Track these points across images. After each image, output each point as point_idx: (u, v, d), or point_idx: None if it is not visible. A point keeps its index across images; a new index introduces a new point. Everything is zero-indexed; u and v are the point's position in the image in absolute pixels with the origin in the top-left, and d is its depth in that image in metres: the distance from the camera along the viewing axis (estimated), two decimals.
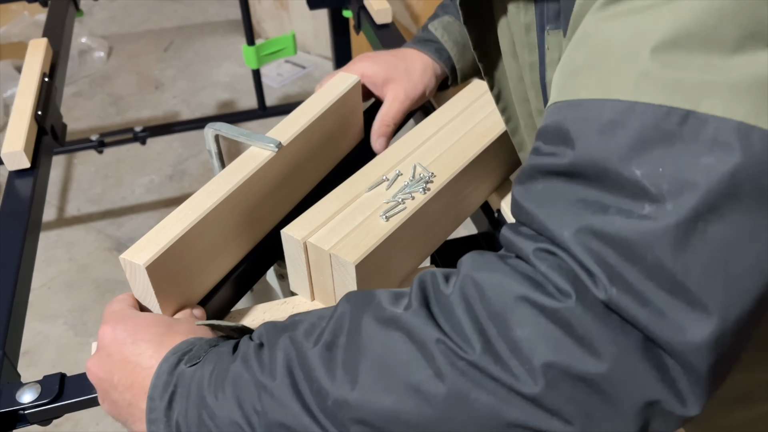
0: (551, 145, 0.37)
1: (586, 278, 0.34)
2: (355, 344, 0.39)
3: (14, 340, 0.67)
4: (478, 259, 0.38)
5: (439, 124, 0.70)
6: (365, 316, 0.39)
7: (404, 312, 0.38)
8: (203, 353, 0.45)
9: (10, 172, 0.85)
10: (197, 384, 0.43)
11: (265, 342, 0.42)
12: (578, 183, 0.35)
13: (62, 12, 1.23)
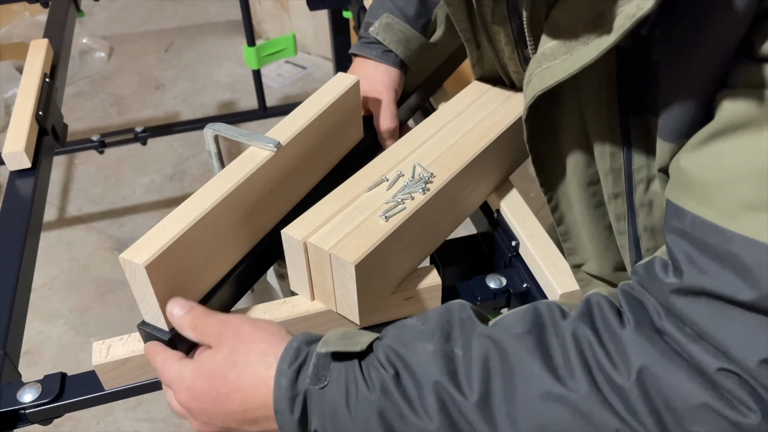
0: (716, 266, 0.39)
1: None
2: (514, 402, 0.41)
3: (15, 339, 0.67)
4: (651, 351, 0.40)
5: (438, 125, 0.70)
6: (518, 373, 0.42)
7: (571, 390, 0.41)
8: (325, 372, 0.45)
9: (11, 172, 0.85)
10: (332, 407, 0.44)
11: (404, 374, 0.44)
12: (761, 315, 0.38)
13: (63, 13, 1.23)
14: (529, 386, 0.41)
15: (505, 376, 0.42)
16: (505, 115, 0.71)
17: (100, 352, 0.57)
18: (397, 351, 0.45)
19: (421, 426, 0.42)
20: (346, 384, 0.44)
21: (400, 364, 0.44)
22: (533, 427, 0.41)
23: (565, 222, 0.65)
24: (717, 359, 0.39)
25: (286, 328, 0.50)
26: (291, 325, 0.60)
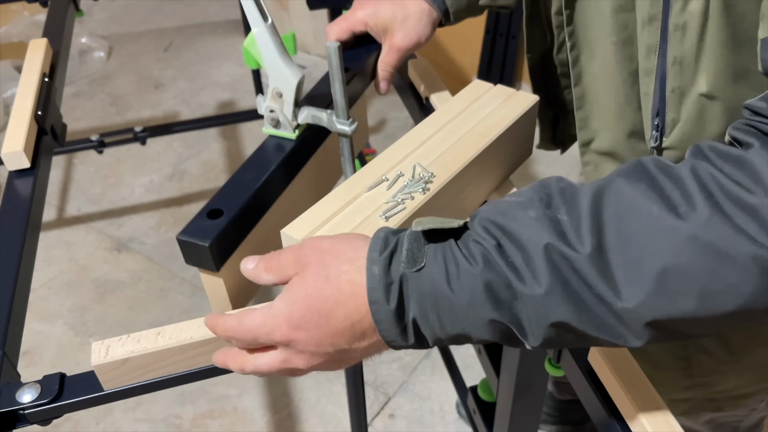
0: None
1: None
2: (630, 250, 0.38)
3: (14, 340, 0.67)
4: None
5: (439, 124, 0.70)
6: (634, 219, 0.39)
7: (695, 223, 0.37)
8: (422, 255, 0.42)
9: (10, 172, 0.85)
10: (432, 286, 0.42)
11: (506, 243, 0.41)
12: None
13: (62, 12, 1.23)
14: (646, 230, 0.38)
15: (618, 224, 0.39)
16: (505, 115, 0.71)
17: (100, 352, 0.57)
18: (496, 221, 0.42)
19: (529, 293, 0.40)
20: (444, 262, 0.42)
21: (500, 234, 0.42)
22: (656, 274, 0.37)
23: (583, 80, 0.63)
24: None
25: None
26: None
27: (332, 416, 1.51)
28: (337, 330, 0.44)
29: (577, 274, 0.39)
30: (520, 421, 0.82)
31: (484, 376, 1.10)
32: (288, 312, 0.45)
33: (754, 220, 0.36)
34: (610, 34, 0.58)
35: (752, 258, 0.36)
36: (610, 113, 0.62)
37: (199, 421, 1.51)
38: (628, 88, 0.60)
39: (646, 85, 0.57)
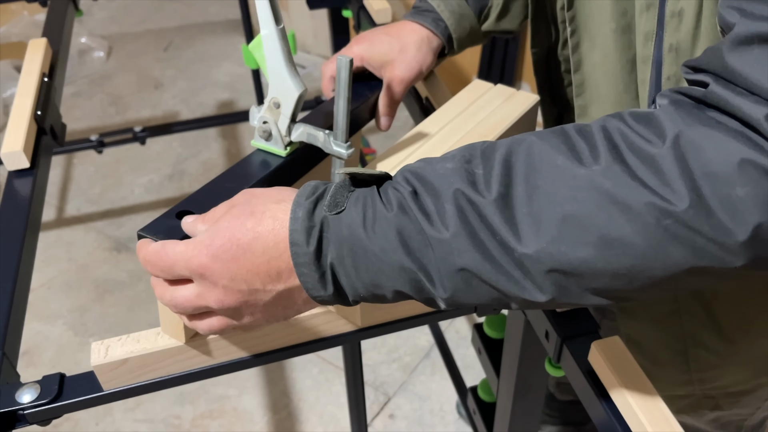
0: None
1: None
2: (535, 199, 0.39)
3: (14, 340, 0.67)
4: (687, 117, 0.38)
5: (439, 125, 0.70)
6: (541, 170, 0.40)
7: (595, 171, 0.38)
8: (343, 199, 0.43)
9: (10, 172, 0.85)
10: (349, 230, 0.42)
11: (421, 191, 0.42)
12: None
13: (62, 12, 1.23)
14: (551, 179, 0.39)
15: (527, 174, 0.40)
16: (505, 115, 0.71)
17: (99, 352, 0.57)
18: (415, 171, 0.43)
19: (437, 236, 0.40)
20: (363, 208, 0.43)
21: (417, 183, 0.42)
22: (556, 221, 0.38)
23: (582, 67, 0.63)
24: (765, 107, 0.35)
25: None
26: (292, 324, 0.60)
27: (332, 416, 1.51)
28: (253, 263, 0.44)
29: (483, 219, 0.40)
30: (520, 422, 0.82)
31: (484, 376, 1.10)
32: (209, 240, 0.45)
33: (652, 169, 0.37)
34: (609, 20, 0.58)
35: (645, 205, 0.37)
36: (609, 101, 0.62)
37: (199, 421, 1.51)
38: (626, 75, 0.60)
39: (643, 73, 0.57)
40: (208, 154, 2.27)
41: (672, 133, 0.37)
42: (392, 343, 1.66)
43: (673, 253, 0.37)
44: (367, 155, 1.93)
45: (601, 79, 0.62)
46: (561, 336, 0.61)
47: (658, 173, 0.37)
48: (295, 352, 0.63)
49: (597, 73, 0.62)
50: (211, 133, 2.35)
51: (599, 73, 0.62)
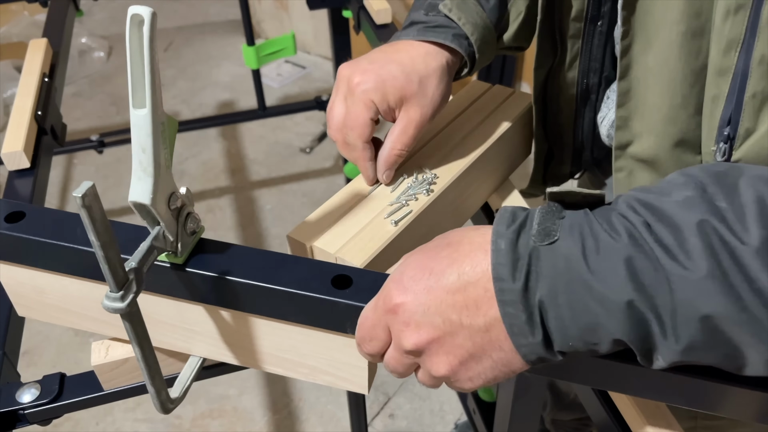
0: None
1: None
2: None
3: (14, 340, 0.67)
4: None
5: (440, 125, 0.70)
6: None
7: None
8: (555, 227, 0.38)
9: (10, 172, 0.85)
10: (566, 263, 0.37)
11: (654, 222, 0.36)
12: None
13: (62, 12, 1.23)
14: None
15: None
16: (505, 115, 0.71)
17: (99, 352, 0.57)
18: (644, 200, 0.37)
19: (681, 274, 0.34)
20: (581, 237, 0.37)
21: (649, 213, 0.37)
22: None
23: (631, 73, 0.55)
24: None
25: None
26: None
27: (332, 416, 1.51)
28: (447, 291, 0.39)
29: (737, 263, 0.34)
30: (520, 421, 0.82)
31: None
32: (398, 275, 0.41)
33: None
34: (678, 21, 0.50)
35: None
36: (659, 115, 0.54)
37: (199, 421, 1.51)
38: (687, 88, 0.52)
39: (716, 87, 0.49)
40: (208, 154, 2.27)
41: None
42: None
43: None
44: None
45: (653, 88, 0.54)
46: None
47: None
48: None
49: (649, 82, 0.54)
50: (211, 133, 2.35)
51: (652, 81, 0.54)
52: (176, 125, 0.43)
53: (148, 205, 0.42)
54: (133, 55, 0.39)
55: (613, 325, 0.37)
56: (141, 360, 0.45)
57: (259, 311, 0.49)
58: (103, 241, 0.38)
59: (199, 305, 0.51)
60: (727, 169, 0.38)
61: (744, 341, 0.35)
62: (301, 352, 0.51)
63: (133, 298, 0.41)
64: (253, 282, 0.47)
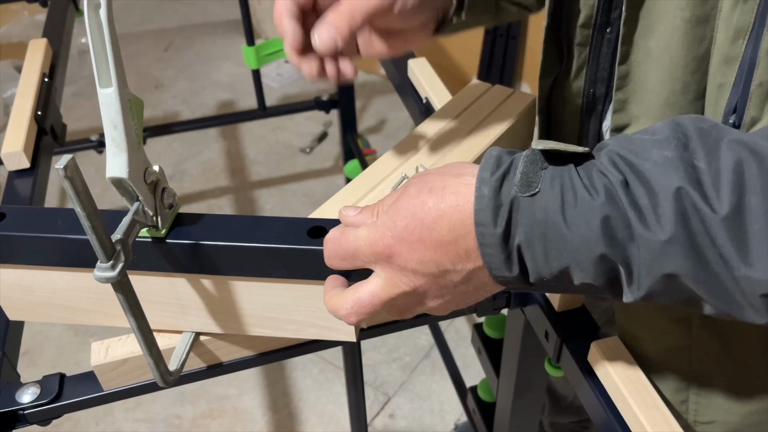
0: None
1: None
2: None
3: (14, 340, 0.67)
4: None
5: (439, 125, 0.70)
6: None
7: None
8: (537, 179, 0.39)
9: (10, 173, 0.85)
10: (545, 214, 0.39)
11: (633, 182, 0.38)
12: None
13: (62, 12, 1.23)
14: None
15: (764, 187, 0.35)
16: (504, 115, 0.71)
17: (99, 352, 0.57)
18: (625, 157, 0.39)
19: (648, 237, 0.37)
20: (561, 190, 0.39)
21: (629, 171, 0.38)
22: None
23: (631, 57, 0.55)
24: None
25: None
26: None
27: (332, 416, 1.51)
28: (440, 243, 0.41)
29: (706, 229, 0.36)
30: (519, 421, 0.83)
31: (484, 376, 1.10)
32: (391, 222, 0.42)
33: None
34: (683, 7, 0.50)
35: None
36: (657, 100, 0.54)
37: (199, 421, 1.51)
38: (688, 75, 0.52)
39: (722, 75, 0.49)
40: (208, 154, 2.27)
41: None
42: (392, 343, 1.66)
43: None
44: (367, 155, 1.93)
45: (653, 73, 0.54)
46: (560, 336, 0.61)
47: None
48: (295, 352, 0.63)
49: (649, 66, 0.54)
50: (211, 133, 2.35)
51: (652, 66, 0.54)
52: (142, 103, 0.45)
53: (125, 179, 0.44)
54: (93, 37, 0.42)
55: (584, 273, 0.39)
56: (136, 331, 0.47)
57: (242, 272, 0.51)
58: (88, 211, 0.40)
59: (184, 277, 0.52)
60: (711, 127, 0.39)
61: (702, 296, 0.38)
62: (286, 308, 0.53)
63: (123, 268, 0.43)
64: (234, 243, 0.49)
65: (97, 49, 0.42)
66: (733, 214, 0.35)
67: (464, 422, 1.48)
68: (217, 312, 0.55)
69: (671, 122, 0.40)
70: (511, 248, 0.40)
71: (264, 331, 0.56)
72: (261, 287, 0.52)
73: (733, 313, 0.38)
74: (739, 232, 0.35)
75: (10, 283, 0.54)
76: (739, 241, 0.35)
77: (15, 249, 0.51)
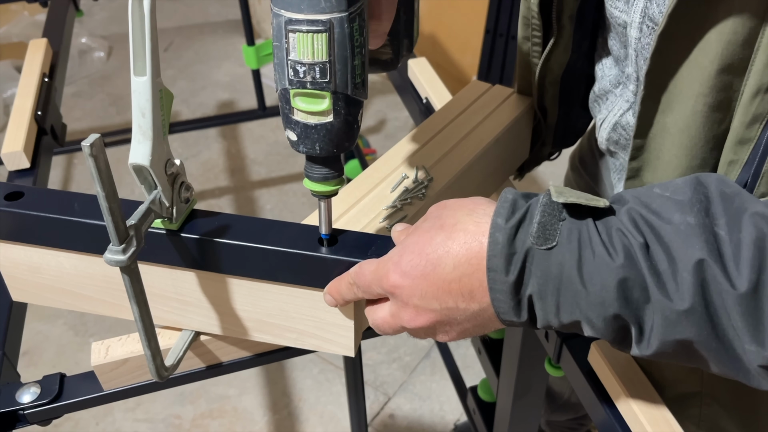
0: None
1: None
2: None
3: (14, 340, 0.67)
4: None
5: (439, 125, 0.70)
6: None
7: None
8: (555, 232, 0.39)
9: (10, 173, 0.85)
10: (560, 270, 0.38)
11: (655, 247, 0.37)
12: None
13: (62, 12, 1.23)
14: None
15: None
16: (504, 116, 0.71)
17: (99, 352, 0.57)
18: (647, 218, 0.38)
19: (665, 304, 0.36)
20: (579, 246, 0.38)
21: (650, 233, 0.38)
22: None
23: (650, 132, 0.55)
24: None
25: None
26: None
27: (332, 416, 1.51)
28: (444, 280, 0.41)
29: (724, 303, 0.36)
30: (519, 421, 0.83)
31: (484, 376, 1.10)
32: (397, 257, 0.43)
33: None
34: (706, 94, 0.50)
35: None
36: (673, 172, 0.55)
37: (199, 421, 1.51)
38: (707, 152, 0.53)
39: (735, 154, 0.50)
40: (208, 154, 2.27)
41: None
42: (392, 343, 1.66)
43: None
44: (367, 155, 1.93)
45: (669, 149, 0.55)
46: (561, 336, 0.61)
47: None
48: (295, 352, 0.63)
49: (666, 142, 0.55)
50: (211, 133, 2.35)
51: (669, 142, 0.54)
52: (172, 96, 0.46)
53: (147, 167, 0.45)
54: (134, 25, 0.43)
55: (595, 329, 0.39)
56: (138, 320, 0.47)
57: (250, 273, 0.51)
58: (107, 192, 0.40)
59: (191, 272, 0.53)
60: (735, 193, 0.39)
61: (710, 361, 0.38)
62: (289, 315, 0.53)
63: (134, 253, 0.43)
64: (244, 243, 0.49)
65: (136, 38, 0.43)
66: (751, 291, 0.35)
67: (464, 422, 1.48)
68: (219, 312, 0.55)
69: (694, 180, 0.40)
70: (522, 296, 0.40)
71: (263, 337, 0.56)
72: (265, 290, 0.52)
73: (739, 378, 0.38)
74: (755, 311, 0.35)
75: (18, 262, 0.55)
76: (755, 319, 0.35)
77: (29, 228, 0.51)
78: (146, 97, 0.43)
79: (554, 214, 0.39)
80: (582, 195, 0.40)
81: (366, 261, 0.47)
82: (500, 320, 0.42)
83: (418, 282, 0.42)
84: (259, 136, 2.32)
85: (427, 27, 2.37)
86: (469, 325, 0.44)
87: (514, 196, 0.42)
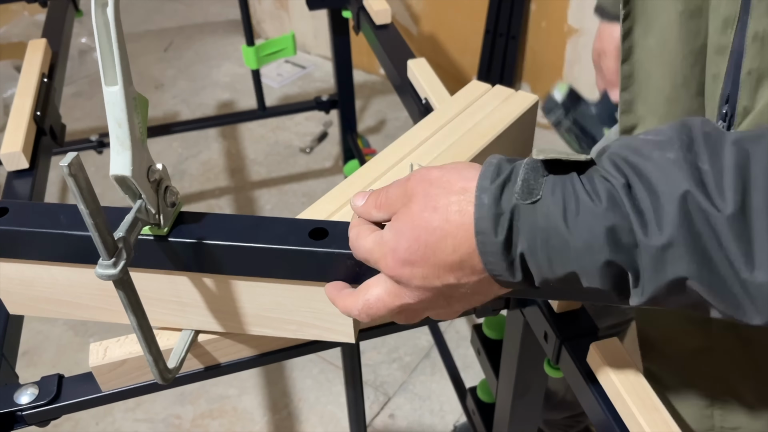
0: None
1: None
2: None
3: (12, 340, 0.67)
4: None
5: (438, 124, 0.70)
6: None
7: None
8: (538, 186, 0.39)
9: (9, 173, 0.85)
10: (546, 221, 0.38)
11: (636, 184, 0.37)
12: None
13: (62, 12, 1.23)
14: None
15: None
16: (504, 116, 0.71)
17: (97, 353, 0.57)
18: (628, 158, 0.38)
19: (647, 243, 0.36)
20: (563, 197, 0.38)
21: (631, 173, 0.37)
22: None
23: (633, 56, 0.55)
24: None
25: None
26: None
27: (332, 416, 1.51)
28: (445, 263, 0.42)
29: (712, 230, 0.35)
30: (519, 422, 0.82)
31: (484, 376, 1.10)
32: (394, 243, 0.43)
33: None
34: (676, 1, 0.50)
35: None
36: (661, 96, 0.55)
37: (199, 421, 1.51)
38: (687, 68, 0.53)
39: (716, 66, 0.49)
40: (208, 154, 2.27)
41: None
42: (392, 343, 1.66)
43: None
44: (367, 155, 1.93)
45: (655, 70, 0.55)
46: (560, 337, 0.61)
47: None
48: (295, 352, 0.63)
49: (651, 64, 0.55)
50: (211, 133, 2.35)
51: (653, 63, 0.54)
52: (146, 102, 0.45)
53: (128, 177, 0.44)
54: (100, 36, 0.42)
55: (591, 278, 0.39)
56: (136, 328, 0.47)
57: (243, 272, 0.51)
58: (91, 209, 0.40)
59: (185, 275, 0.52)
60: (715, 130, 0.38)
61: (708, 298, 0.37)
62: (286, 308, 0.53)
63: (125, 265, 0.43)
64: (235, 243, 0.49)
65: (104, 48, 0.42)
66: (738, 212, 0.35)
67: (463, 423, 1.48)
68: (217, 311, 0.55)
69: (678, 123, 0.39)
70: (514, 256, 0.40)
71: (263, 331, 0.56)
72: (261, 287, 0.52)
73: (737, 316, 0.38)
74: (743, 232, 0.35)
75: (11, 277, 0.54)
76: (744, 241, 0.35)
77: (17, 243, 0.51)
78: (120, 107, 0.42)
79: (537, 170, 0.40)
80: (563, 152, 0.40)
81: (361, 232, 0.46)
82: (498, 282, 0.42)
83: (419, 265, 0.42)
84: (259, 136, 2.32)
85: (427, 27, 2.37)
86: (469, 296, 0.44)
87: (498, 160, 0.42)
